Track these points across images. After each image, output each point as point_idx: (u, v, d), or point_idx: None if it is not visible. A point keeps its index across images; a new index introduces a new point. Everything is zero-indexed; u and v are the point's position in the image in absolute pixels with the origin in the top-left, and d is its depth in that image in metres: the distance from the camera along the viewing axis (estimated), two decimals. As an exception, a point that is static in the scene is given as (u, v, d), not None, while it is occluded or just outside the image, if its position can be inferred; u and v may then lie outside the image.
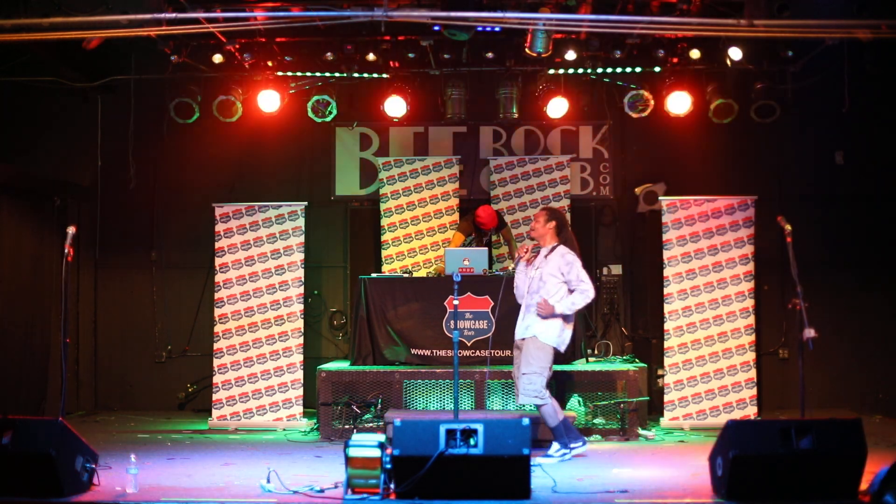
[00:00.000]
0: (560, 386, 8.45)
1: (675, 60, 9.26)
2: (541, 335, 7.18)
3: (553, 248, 7.31)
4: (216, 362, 9.29)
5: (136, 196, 10.56)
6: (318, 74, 9.68)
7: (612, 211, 10.66)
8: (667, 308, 9.07)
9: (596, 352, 9.65)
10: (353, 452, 5.67)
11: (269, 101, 9.63)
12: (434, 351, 8.86)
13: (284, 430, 9.01)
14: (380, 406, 8.43)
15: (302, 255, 9.37)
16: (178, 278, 10.64)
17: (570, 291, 7.21)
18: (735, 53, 8.80)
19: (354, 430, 8.21)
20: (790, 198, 9.90)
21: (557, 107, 9.81)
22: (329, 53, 9.21)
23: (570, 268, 7.21)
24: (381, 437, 5.73)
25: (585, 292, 7.19)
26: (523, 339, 7.28)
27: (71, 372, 10.17)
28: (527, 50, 8.18)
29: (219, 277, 9.42)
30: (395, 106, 9.73)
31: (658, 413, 9.08)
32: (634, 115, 9.64)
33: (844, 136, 10.10)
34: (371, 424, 8.36)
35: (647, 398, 8.75)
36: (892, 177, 9.80)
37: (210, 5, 7.71)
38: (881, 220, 9.94)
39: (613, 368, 8.62)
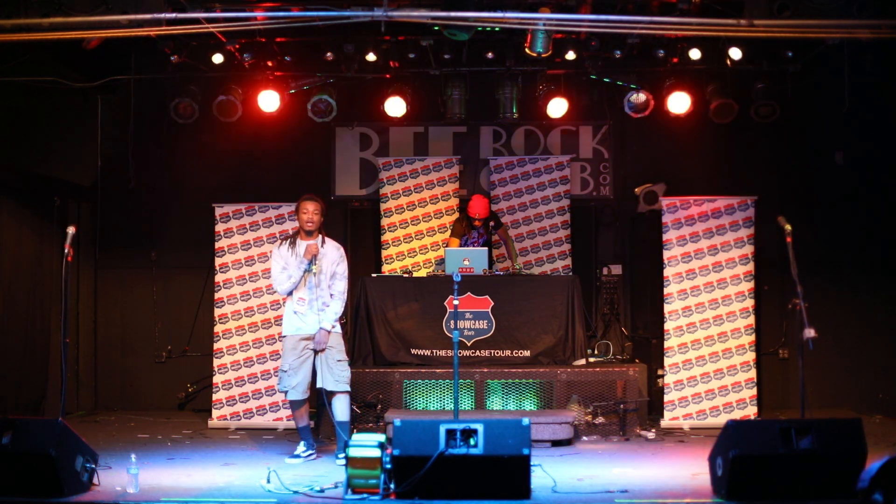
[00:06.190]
0: (560, 386, 8.46)
1: (675, 60, 9.24)
2: (336, 326, 7.37)
3: (324, 240, 7.44)
4: (216, 362, 9.29)
5: (136, 196, 10.57)
6: (318, 74, 9.67)
7: (612, 211, 10.65)
8: (667, 308, 9.07)
9: (596, 352, 9.65)
10: (353, 452, 5.67)
11: (269, 101, 9.61)
12: (434, 351, 8.86)
13: (285, 430, 9.01)
14: (379, 407, 8.44)
15: (302, 255, 9.35)
16: (178, 278, 10.63)
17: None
18: (735, 53, 8.79)
19: (354, 430, 8.20)
20: (790, 198, 9.90)
21: (557, 107, 9.80)
22: (329, 53, 9.21)
23: (343, 262, 7.46)
24: (381, 437, 5.73)
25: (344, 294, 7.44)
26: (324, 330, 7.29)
27: (71, 372, 10.16)
28: (527, 50, 8.17)
29: (219, 277, 9.42)
30: (395, 106, 9.72)
31: (658, 413, 9.08)
32: (634, 116, 9.64)
33: (844, 136, 10.09)
34: (371, 424, 8.37)
35: (648, 398, 8.75)
36: (892, 177, 9.79)
37: (210, 5, 7.71)
38: (881, 220, 9.93)
39: (613, 368, 8.64)
